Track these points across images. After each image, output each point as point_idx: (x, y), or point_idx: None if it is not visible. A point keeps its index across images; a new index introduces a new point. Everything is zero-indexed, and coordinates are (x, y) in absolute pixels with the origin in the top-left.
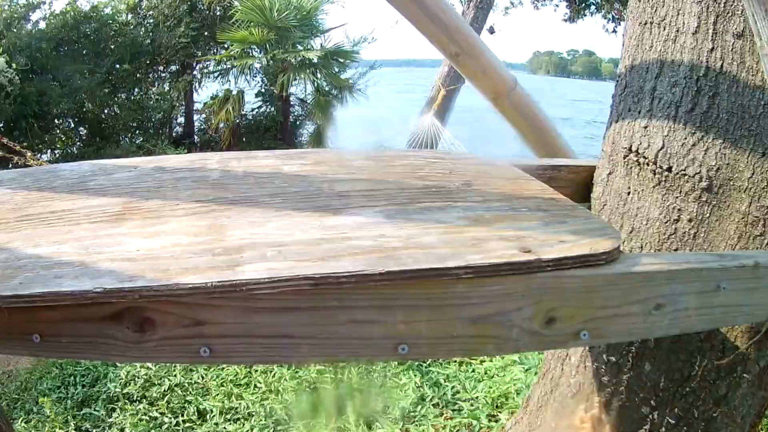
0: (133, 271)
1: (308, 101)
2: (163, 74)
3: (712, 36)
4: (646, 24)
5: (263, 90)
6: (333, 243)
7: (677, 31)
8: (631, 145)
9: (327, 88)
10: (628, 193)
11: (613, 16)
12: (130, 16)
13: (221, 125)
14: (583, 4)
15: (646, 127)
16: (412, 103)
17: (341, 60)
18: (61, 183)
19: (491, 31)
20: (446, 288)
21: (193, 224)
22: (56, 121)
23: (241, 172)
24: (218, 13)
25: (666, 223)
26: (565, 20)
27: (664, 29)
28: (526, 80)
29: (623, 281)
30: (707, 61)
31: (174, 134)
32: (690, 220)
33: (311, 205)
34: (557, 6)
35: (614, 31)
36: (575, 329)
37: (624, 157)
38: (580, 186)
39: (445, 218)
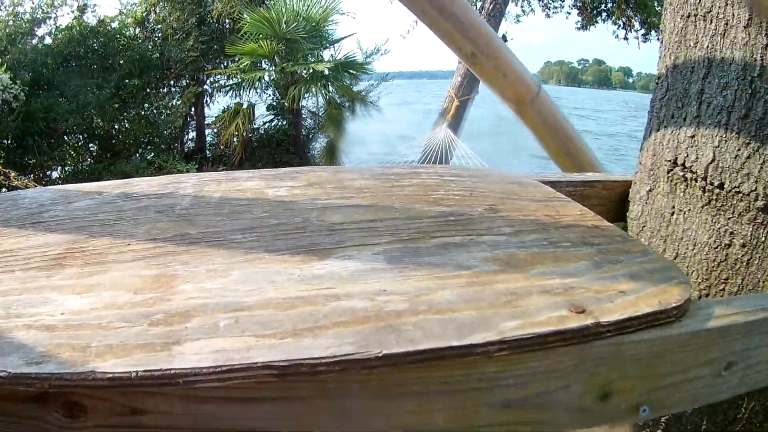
0: (47, 346)
1: (320, 114)
2: (174, 89)
3: (766, 30)
4: (689, 17)
5: (274, 103)
6: (313, 304)
7: (726, 24)
8: (676, 158)
9: (339, 101)
10: (672, 214)
11: (623, 23)
12: (137, 30)
13: (233, 139)
14: (595, 11)
15: (693, 137)
16: (424, 115)
17: (353, 72)
18: (16, 214)
19: (504, 39)
20: (471, 369)
21: (138, 274)
22: (65, 137)
23: (218, 198)
24: (227, 27)
25: (716, 248)
26: (578, 28)
27: (711, 22)
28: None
29: (695, 341)
30: (762, 60)
31: (186, 149)
32: (743, 245)
33: (292, 245)
34: (569, 13)
35: (625, 38)
36: (634, 403)
37: (668, 172)
38: (613, 204)
39: (468, 260)
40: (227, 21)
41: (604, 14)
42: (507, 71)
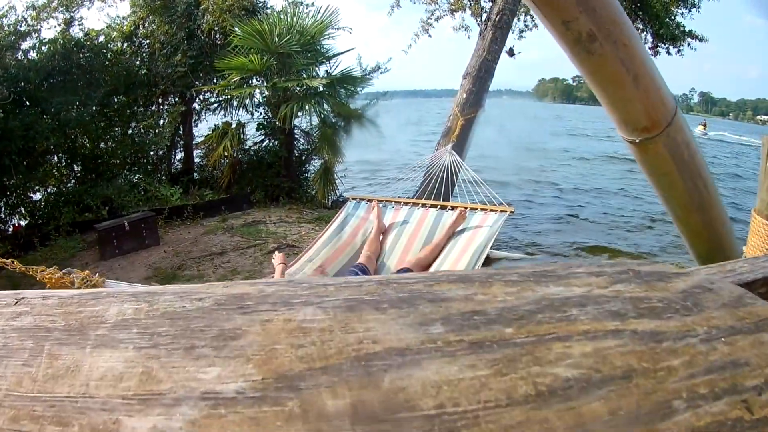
0: None
1: (314, 134)
2: (162, 107)
3: None
4: None
5: (265, 122)
6: None
7: None
8: None
9: (334, 120)
10: None
11: None
12: (125, 44)
13: (223, 161)
14: None
15: None
16: (425, 135)
17: (350, 87)
18: None
19: (510, 53)
20: None
21: None
22: (47, 157)
23: None
24: (218, 41)
25: None
26: None
27: None
28: (546, 108)
29: None
30: None
31: (173, 170)
32: None
33: None
34: None
35: None
36: None
37: None
38: None
39: None
40: (218, 35)
41: None
42: (640, 73)
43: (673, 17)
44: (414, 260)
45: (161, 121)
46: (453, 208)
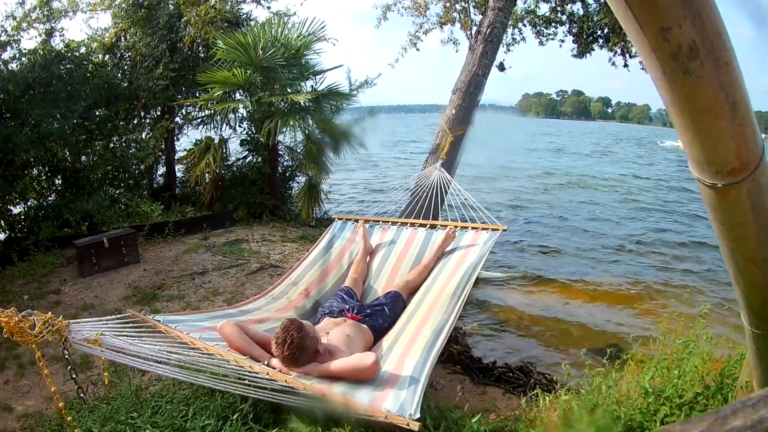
0: None
1: (298, 151)
2: (144, 120)
3: None
4: None
5: (249, 138)
6: None
7: None
8: None
9: (319, 136)
10: None
11: (621, 48)
12: (106, 56)
13: (205, 176)
14: (591, 38)
15: None
16: (412, 151)
17: (335, 103)
18: None
19: (501, 68)
20: None
21: None
22: (27, 170)
23: None
24: (201, 54)
25: None
26: (574, 55)
27: None
28: (532, 123)
29: None
30: None
31: (155, 185)
32: None
33: None
34: (562, 41)
35: (625, 65)
36: None
37: None
38: None
39: None
40: (200, 48)
41: (601, 40)
42: (738, 102)
43: None
44: (402, 283)
45: (143, 135)
46: (442, 227)
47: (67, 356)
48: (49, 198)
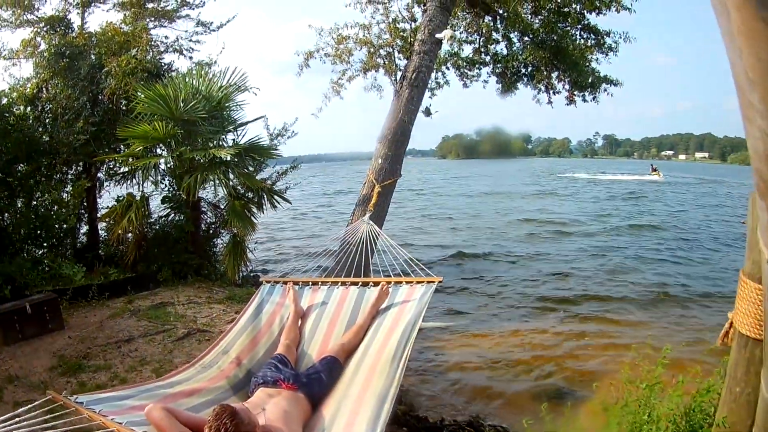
0: None
1: (221, 207)
2: (66, 176)
3: None
4: None
5: (170, 194)
6: None
7: None
8: None
9: (242, 191)
10: None
11: (545, 85)
12: (27, 108)
13: (128, 236)
14: (515, 76)
15: None
16: (338, 203)
17: (257, 158)
18: None
19: (427, 113)
20: None
21: None
22: None
23: None
24: (122, 107)
25: None
26: (499, 94)
27: None
28: (455, 166)
29: None
30: None
31: (78, 244)
32: None
33: None
34: (486, 82)
35: (549, 102)
36: None
37: None
38: None
39: None
40: (122, 100)
41: (525, 78)
42: None
43: (588, 63)
44: (337, 347)
45: (64, 195)
46: (375, 284)
47: None
48: None
